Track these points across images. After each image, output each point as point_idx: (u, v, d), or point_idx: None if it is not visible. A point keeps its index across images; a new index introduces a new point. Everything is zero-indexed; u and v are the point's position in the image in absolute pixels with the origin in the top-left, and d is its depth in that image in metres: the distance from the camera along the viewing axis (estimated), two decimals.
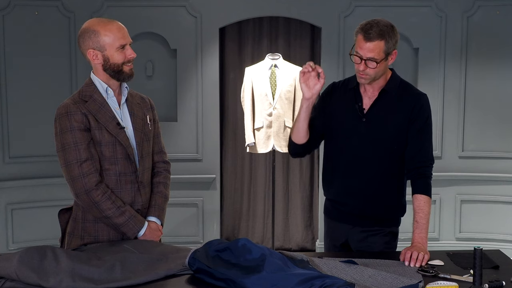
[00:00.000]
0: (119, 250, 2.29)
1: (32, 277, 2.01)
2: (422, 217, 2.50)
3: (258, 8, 5.13)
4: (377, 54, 2.45)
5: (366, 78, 2.52)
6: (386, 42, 2.45)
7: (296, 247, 5.43)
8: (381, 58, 2.47)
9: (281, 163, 5.35)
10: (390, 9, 4.96)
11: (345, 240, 2.72)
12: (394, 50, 2.51)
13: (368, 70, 2.48)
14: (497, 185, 5.12)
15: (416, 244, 2.44)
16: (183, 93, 5.15)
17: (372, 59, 2.46)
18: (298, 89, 4.70)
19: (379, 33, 2.44)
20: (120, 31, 2.45)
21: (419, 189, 2.55)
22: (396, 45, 2.52)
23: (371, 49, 2.44)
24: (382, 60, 2.48)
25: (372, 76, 2.52)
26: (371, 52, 2.45)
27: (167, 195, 2.68)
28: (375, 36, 2.43)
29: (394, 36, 2.49)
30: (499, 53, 5.06)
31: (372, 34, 2.43)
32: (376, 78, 2.55)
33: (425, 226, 2.50)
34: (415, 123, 2.57)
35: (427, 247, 2.47)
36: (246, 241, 2.16)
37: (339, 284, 1.93)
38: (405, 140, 2.58)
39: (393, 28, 2.50)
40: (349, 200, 2.67)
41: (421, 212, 2.51)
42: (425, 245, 2.46)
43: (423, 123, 2.58)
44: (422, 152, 2.58)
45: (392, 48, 2.50)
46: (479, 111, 5.14)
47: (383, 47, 2.45)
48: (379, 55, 2.46)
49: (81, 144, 2.39)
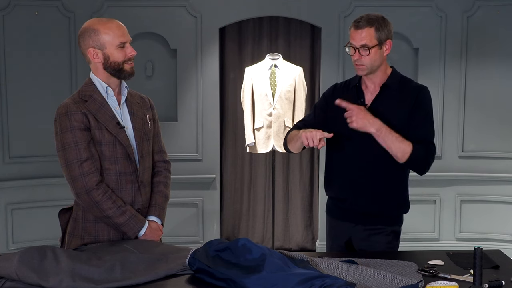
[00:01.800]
0: (119, 250, 2.29)
1: (32, 277, 2.01)
2: (392, 131, 2.50)
3: (258, 8, 5.13)
4: (368, 40, 2.52)
5: (363, 69, 2.57)
6: (376, 29, 2.53)
7: (296, 247, 5.43)
8: (373, 44, 2.53)
9: (281, 163, 5.35)
10: (390, 9, 4.96)
11: (347, 239, 2.72)
12: (388, 40, 2.56)
13: (363, 59, 2.54)
14: (497, 185, 5.13)
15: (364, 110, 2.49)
16: (183, 93, 5.15)
17: (364, 45, 2.53)
18: (298, 89, 4.70)
19: (368, 21, 2.54)
20: (120, 29, 2.46)
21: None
22: (389, 36, 2.57)
23: (362, 36, 2.53)
24: (375, 47, 2.53)
25: (368, 65, 2.56)
26: (363, 40, 2.53)
27: (167, 195, 2.68)
28: (364, 24, 2.53)
29: (385, 25, 2.56)
30: (499, 53, 5.06)
31: (361, 23, 2.54)
32: (373, 69, 2.58)
33: (389, 131, 2.49)
34: (417, 114, 2.58)
35: (366, 125, 2.47)
36: (246, 241, 2.16)
37: (339, 284, 1.93)
38: (407, 134, 2.58)
39: (383, 19, 2.58)
40: (351, 196, 2.66)
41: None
42: (370, 121, 2.47)
43: (425, 114, 2.59)
44: (426, 139, 2.57)
45: (385, 37, 2.55)
46: (479, 111, 5.14)
47: (374, 34, 2.53)
48: (371, 42, 2.53)
49: (81, 143, 2.39)
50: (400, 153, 2.51)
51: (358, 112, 2.48)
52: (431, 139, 2.60)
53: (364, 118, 2.48)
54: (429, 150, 2.56)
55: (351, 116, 2.48)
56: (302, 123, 2.82)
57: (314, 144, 2.52)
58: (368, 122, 2.48)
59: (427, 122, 2.60)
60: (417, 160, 2.54)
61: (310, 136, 2.52)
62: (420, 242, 5.12)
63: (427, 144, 2.57)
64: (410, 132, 2.57)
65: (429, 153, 2.57)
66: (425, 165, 2.57)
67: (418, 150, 2.52)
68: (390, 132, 2.50)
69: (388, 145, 2.51)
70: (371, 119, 2.49)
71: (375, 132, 2.49)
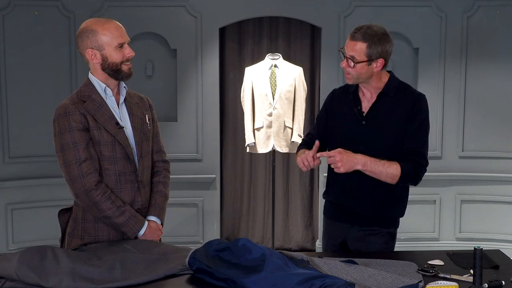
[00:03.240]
0: (119, 250, 2.29)
1: (32, 277, 2.01)
2: (377, 160, 2.51)
3: (258, 8, 5.13)
4: (357, 54, 2.52)
5: (349, 77, 2.60)
6: (368, 46, 2.50)
7: (296, 247, 5.43)
8: (361, 59, 2.51)
9: (281, 163, 5.35)
10: (390, 9, 4.96)
11: (343, 239, 2.73)
12: (380, 58, 2.53)
13: (348, 69, 2.56)
14: (497, 185, 5.13)
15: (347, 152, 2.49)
16: (183, 93, 5.15)
17: (352, 57, 2.53)
18: (298, 89, 4.70)
19: (363, 36, 2.51)
20: (118, 30, 2.46)
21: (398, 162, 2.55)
22: (383, 55, 2.54)
23: (352, 48, 2.53)
24: (362, 62, 2.52)
25: (354, 76, 2.57)
26: (352, 51, 2.53)
27: (167, 195, 2.68)
28: (358, 37, 2.52)
29: (381, 43, 2.51)
30: (499, 53, 5.06)
31: (357, 35, 2.52)
32: (359, 80, 2.59)
33: (374, 161, 2.50)
34: (412, 122, 2.58)
35: (352, 166, 2.49)
36: (246, 241, 2.16)
37: (339, 284, 1.93)
38: (403, 140, 2.59)
39: (382, 36, 2.53)
40: (349, 200, 2.67)
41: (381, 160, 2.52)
42: (355, 160, 2.48)
43: (420, 123, 2.59)
44: (417, 150, 2.58)
45: (377, 55, 2.52)
46: (479, 111, 5.14)
47: (365, 50, 2.51)
48: (359, 57, 2.52)
49: (80, 144, 2.39)
50: (390, 178, 2.53)
51: (340, 157, 2.47)
52: (421, 150, 2.59)
53: (348, 160, 2.48)
54: (417, 163, 2.56)
55: (335, 163, 2.49)
56: (308, 137, 2.86)
57: (310, 165, 2.56)
58: (353, 162, 2.49)
59: (420, 132, 2.59)
60: (407, 179, 2.56)
61: (304, 157, 2.57)
62: (420, 242, 5.12)
63: (417, 156, 2.57)
64: (405, 139, 2.58)
65: (418, 166, 2.57)
66: (416, 179, 2.59)
67: (407, 168, 2.53)
68: (375, 162, 2.51)
69: (377, 175, 2.53)
70: (355, 158, 2.50)
71: (362, 168, 2.51)
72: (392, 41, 2.58)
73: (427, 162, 2.61)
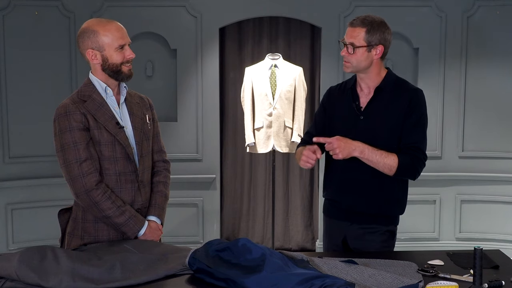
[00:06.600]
0: (119, 250, 2.29)
1: (32, 277, 2.01)
2: (376, 149, 2.53)
3: (258, 8, 5.13)
4: (357, 40, 2.56)
5: (348, 66, 2.62)
6: (367, 31, 2.55)
7: (296, 247, 5.43)
8: (360, 44, 2.56)
9: (281, 163, 5.35)
10: (390, 9, 4.96)
11: (343, 237, 2.73)
12: (379, 45, 2.57)
13: (349, 56, 2.58)
14: (497, 185, 5.13)
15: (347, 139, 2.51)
16: (183, 93, 5.15)
17: (351, 44, 2.56)
18: (298, 89, 4.70)
19: (362, 21, 2.57)
20: (119, 31, 2.46)
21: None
22: (383, 42, 2.58)
23: (351, 34, 2.58)
24: (362, 47, 2.55)
25: (354, 64, 2.59)
26: (351, 38, 2.57)
27: (167, 195, 2.68)
28: (357, 23, 2.57)
29: (380, 30, 2.57)
30: (499, 53, 5.06)
31: (356, 21, 2.58)
32: (359, 68, 2.61)
33: (372, 150, 2.52)
34: (410, 117, 2.59)
35: (350, 152, 2.51)
36: (246, 241, 2.16)
37: (339, 284, 1.93)
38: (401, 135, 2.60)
39: (381, 23, 2.59)
40: (347, 196, 2.68)
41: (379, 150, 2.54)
42: (352, 147, 2.51)
43: (418, 118, 2.60)
44: (415, 145, 2.59)
45: (376, 41, 2.56)
46: (479, 111, 5.14)
47: (364, 35, 2.56)
48: (358, 42, 2.56)
49: (80, 144, 2.39)
50: (387, 168, 2.55)
51: (338, 144, 2.50)
52: (419, 145, 2.60)
53: (346, 146, 2.51)
54: (415, 157, 2.58)
55: (333, 149, 2.51)
56: (307, 136, 2.86)
57: (313, 160, 2.56)
58: (351, 148, 2.51)
59: (418, 127, 2.60)
60: (405, 171, 2.57)
61: (306, 154, 2.57)
62: (420, 242, 5.13)
63: (415, 151, 2.58)
64: (403, 133, 2.59)
65: (416, 160, 2.58)
66: (414, 172, 2.60)
67: (404, 161, 2.55)
68: (373, 151, 2.53)
69: (374, 163, 2.55)
70: (352, 144, 2.52)
71: (360, 155, 2.53)
72: (391, 31, 2.62)
73: (425, 157, 2.62)
